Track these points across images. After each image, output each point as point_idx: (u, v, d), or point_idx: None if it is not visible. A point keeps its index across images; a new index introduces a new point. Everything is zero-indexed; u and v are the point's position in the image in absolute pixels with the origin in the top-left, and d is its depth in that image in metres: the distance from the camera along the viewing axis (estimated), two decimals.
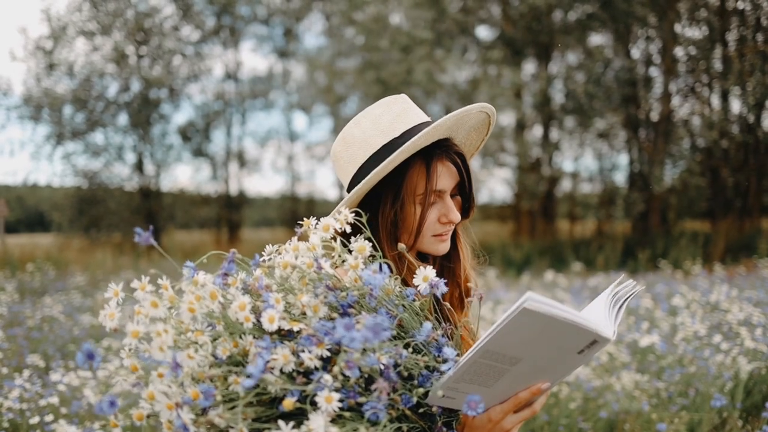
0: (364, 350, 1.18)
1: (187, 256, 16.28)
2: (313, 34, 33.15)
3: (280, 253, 1.41)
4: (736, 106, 20.43)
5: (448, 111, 18.84)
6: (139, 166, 22.85)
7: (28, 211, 29.15)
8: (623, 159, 23.76)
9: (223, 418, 1.16)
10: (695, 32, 19.58)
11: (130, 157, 22.91)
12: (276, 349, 1.19)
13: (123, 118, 22.65)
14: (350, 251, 1.42)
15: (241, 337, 1.25)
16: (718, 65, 18.64)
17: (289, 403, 1.13)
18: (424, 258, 1.90)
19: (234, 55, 25.00)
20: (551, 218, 21.21)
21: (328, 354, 1.19)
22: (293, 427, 1.14)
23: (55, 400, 4.30)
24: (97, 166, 22.50)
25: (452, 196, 1.80)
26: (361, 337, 1.09)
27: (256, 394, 1.21)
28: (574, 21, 19.48)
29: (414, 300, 1.37)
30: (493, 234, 21.62)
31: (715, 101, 20.35)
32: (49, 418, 4.04)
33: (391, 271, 1.41)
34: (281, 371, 1.20)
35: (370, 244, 1.41)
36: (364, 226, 1.52)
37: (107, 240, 21.81)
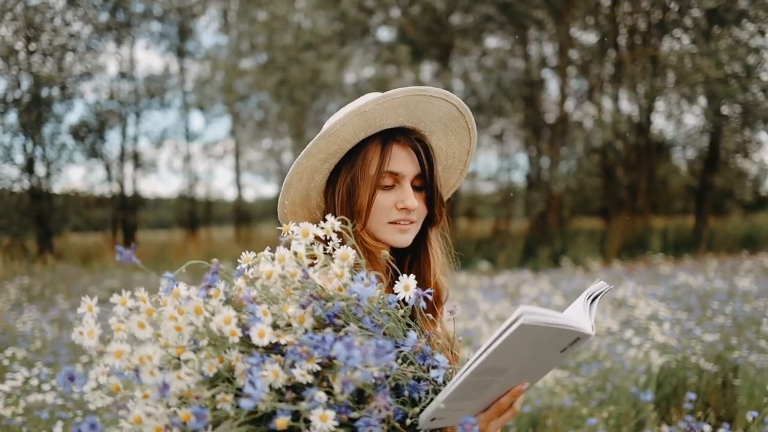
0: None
1: (84, 259, 15.81)
2: (210, 32, 32.67)
3: (258, 261, 1.35)
4: (627, 107, 21.16)
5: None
6: (29, 167, 21.98)
7: None
8: (521, 159, 24.29)
9: None
10: (590, 37, 20.19)
11: (20, 158, 22.04)
12: (265, 365, 1.14)
13: (12, 117, 21.77)
14: (331, 255, 1.38)
15: (226, 352, 1.19)
16: (610, 69, 19.23)
17: (282, 423, 1.09)
18: (398, 259, 1.87)
19: (129, 53, 24.26)
20: (451, 217, 21.47)
21: (319, 368, 1.15)
22: None
23: None
24: None
25: (417, 189, 1.77)
26: (361, 357, 1.07)
27: (247, 413, 1.15)
28: (472, 23, 19.76)
29: (396, 308, 1.34)
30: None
31: (608, 104, 21.04)
32: None
33: (380, 280, 1.38)
34: (270, 387, 1.15)
35: (354, 252, 1.36)
36: (350, 234, 1.47)
37: None
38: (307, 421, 1.13)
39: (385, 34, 21.33)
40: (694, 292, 8.05)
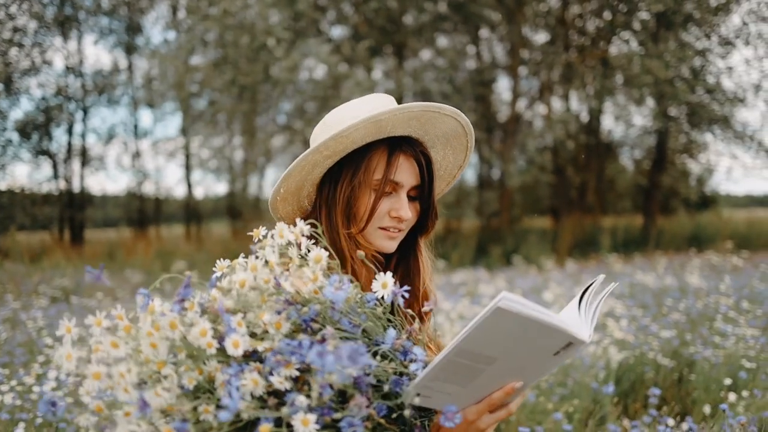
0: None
1: (32, 258, 15.51)
2: (159, 27, 32.22)
3: (233, 270, 1.37)
4: (577, 108, 21.42)
5: (302, 111, 18.82)
6: None
7: None
8: (473, 158, 24.38)
9: None
10: (541, 37, 20.39)
11: None
12: (244, 374, 1.16)
13: None
14: (305, 258, 1.39)
15: (204, 363, 1.21)
16: (561, 70, 19.44)
17: (265, 430, 1.12)
18: (384, 263, 1.89)
19: (76, 48, 23.79)
20: None
21: (297, 373, 1.17)
22: None
23: None
24: None
25: (412, 198, 1.80)
26: (334, 362, 1.08)
27: (231, 422, 1.19)
28: (426, 21, 19.82)
29: (375, 305, 1.36)
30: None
31: (558, 104, 21.29)
32: None
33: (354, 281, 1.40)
34: (251, 395, 1.17)
35: (327, 253, 1.38)
36: (320, 236, 1.49)
37: None
38: (290, 426, 1.15)
39: (338, 32, 21.25)
40: (649, 290, 8.20)
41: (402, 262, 1.91)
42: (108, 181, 52.30)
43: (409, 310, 1.47)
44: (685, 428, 3.76)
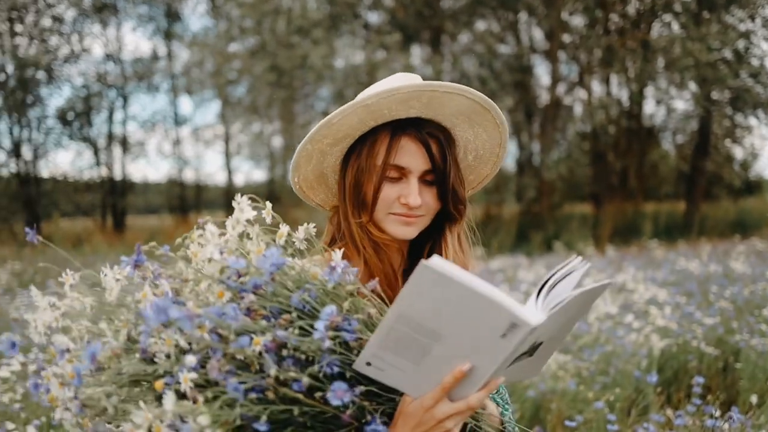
0: (240, 333, 1.20)
1: (74, 243, 15.71)
2: (197, 14, 32.33)
3: (192, 241, 1.39)
4: (617, 93, 21.15)
5: (341, 96, 18.78)
6: (16, 152, 21.79)
7: None
8: (512, 144, 24.21)
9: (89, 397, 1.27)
10: (580, 21, 20.12)
11: (6, 142, 21.84)
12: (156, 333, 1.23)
13: None
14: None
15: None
16: (601, 54, 19.20)
17: (159, 384, 1.16)
18: (418, 249, 1.82)
19: (115, 35, 23.97)
20: None
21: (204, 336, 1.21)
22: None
23: None
24: None
25: (429, 183, 1.70)
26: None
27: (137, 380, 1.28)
28: (463, 6, 19.66)
29: (338, 284, 1.31)
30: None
31: (599, 89, 21.03)
32: None
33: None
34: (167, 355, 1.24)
35: (287, 227, 1.40)
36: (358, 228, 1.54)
37: None
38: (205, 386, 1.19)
39: (374, 18, 21.18)
40: (694, 277, 8.05)
41: (431, 252, 1.80)
42: (149, 168, 52.81)
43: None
44: (730, 418, 3.67)
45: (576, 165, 19.89)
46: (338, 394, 1.19)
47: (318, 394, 1.22)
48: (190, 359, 1.15)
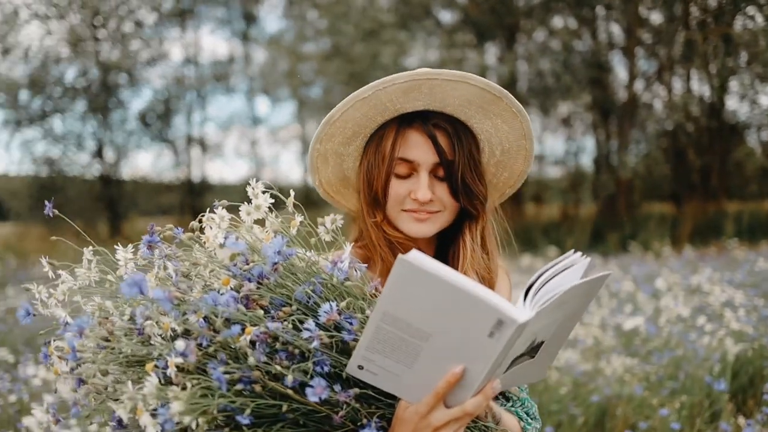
0: (228, 320, 1.18)
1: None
2: (274, 16, 32.79)
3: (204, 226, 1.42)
4: (698, 88, 20.63)
5: None
6: (99, 153, 22.42)
7: None
8: (589, 142, 23.86)
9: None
10: (658, 16, 19.69)
11: (90, 144, 22.48)
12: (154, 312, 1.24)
13: (81, 104, 22.21)
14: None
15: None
16: (680, 49, 18.75)
17: (149, 367, 1.16)
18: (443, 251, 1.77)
19: (193, 38, 24.46)
20: (519, 201, 21.22)
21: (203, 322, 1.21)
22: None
23: (24, 395, 4.10)
24: (56, 153, 22.06)
25: (442, 178, 1.64)
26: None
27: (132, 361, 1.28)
28: (538, 3, 19.44)
29: (345, 279, 1.30)
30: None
31: (679, 85, 20.52)
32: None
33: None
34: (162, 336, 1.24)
35: (302, 217, 1.40)
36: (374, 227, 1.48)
37: (68, 228, 21.29)
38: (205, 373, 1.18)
39: (447, 17, 21.09)
40: None
41: (449, 251, 1.75)
42: (226, 168, 53.75)
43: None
44: None
45: (654, 163, 19.42)
46: (317, 391, 1.17)
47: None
48: (180, 344, 1.13)
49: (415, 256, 1.09)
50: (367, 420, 1.26)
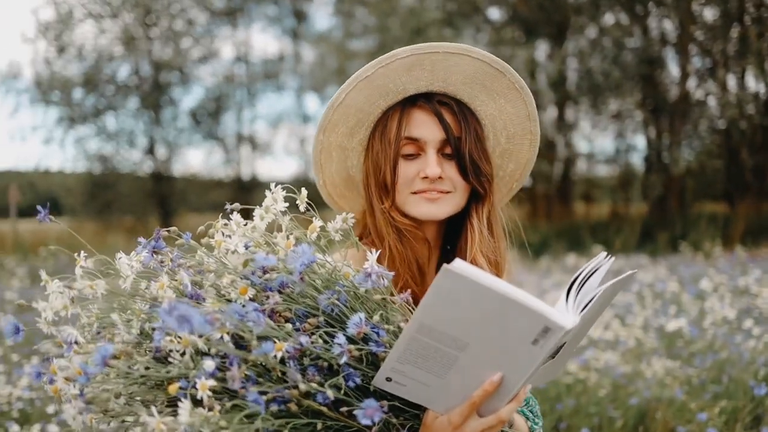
0: (261, 337, 1.12)
1: (198, 238, 16.21)
2: (323, 14, 32.93)
3: (216, 230, 1.38)
4: (753, 86, 20.21)
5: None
6: (150, 150, 22.76)
7: (40, 197, 29.16)
8: (640, 140, 23.52)
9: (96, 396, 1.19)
10: (712, 12, 19.33)
11: (142, 141, 22.83)
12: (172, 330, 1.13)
13: (134, 102, 22.55)
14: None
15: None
16: (734, 45, 18.39)
17: (173, 388, 1.09)
18: (453, 237, 1.74)
19: (244, 36, 24.68)
20: (567, 200, 21.00)
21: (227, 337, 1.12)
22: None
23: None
24: (109, 150, 22.44)
25: (449, 157, 1.62)
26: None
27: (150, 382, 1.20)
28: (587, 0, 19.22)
29: (371, 288, 1.24)
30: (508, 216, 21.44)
31: (732, 82, 20.11)
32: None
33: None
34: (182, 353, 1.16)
35: (321, 224, 1.35)
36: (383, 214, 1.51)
37: (119, 224, 21.75)
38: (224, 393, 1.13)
39: (495, 14, 20.93)
40: None
41: (458, 242, 1.73)
42: (276, 166, 54.18)
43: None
44: None
45: (707, 161, 19.07)
46: (368, 413, 1.12)
47: (344, 409, 1.17)
48: (209, 364, 1.09)
49: (460, 265, 1.06)
50: (398, 431, 1.24)
